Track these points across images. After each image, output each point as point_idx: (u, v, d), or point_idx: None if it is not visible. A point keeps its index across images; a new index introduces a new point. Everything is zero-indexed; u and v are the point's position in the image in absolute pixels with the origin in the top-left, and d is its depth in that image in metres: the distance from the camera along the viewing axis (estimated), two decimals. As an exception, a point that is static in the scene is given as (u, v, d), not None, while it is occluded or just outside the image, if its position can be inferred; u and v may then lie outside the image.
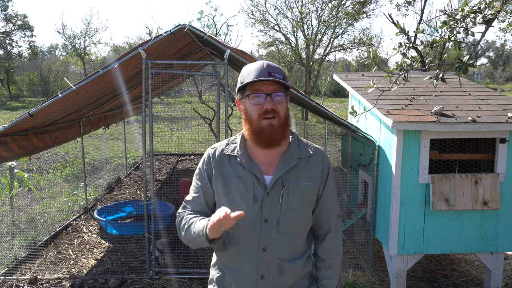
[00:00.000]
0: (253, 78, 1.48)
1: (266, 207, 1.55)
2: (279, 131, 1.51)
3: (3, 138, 4.02)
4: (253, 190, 1.56)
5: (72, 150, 10.92)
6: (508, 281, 4.27)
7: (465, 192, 3.62)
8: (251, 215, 1.55)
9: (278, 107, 1.50)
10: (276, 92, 1.50)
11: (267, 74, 1.48)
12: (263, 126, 1.50)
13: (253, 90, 1.51)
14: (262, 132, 1.50)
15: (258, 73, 1.49)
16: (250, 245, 1.56)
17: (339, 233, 1.72)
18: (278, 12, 17.34)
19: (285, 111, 1.53)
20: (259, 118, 1.50)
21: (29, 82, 30.68)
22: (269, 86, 1.49)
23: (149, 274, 4.20)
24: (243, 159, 1.59)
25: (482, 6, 2.01)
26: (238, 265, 1.60)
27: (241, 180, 1.57)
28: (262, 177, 1.56)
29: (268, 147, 1.54)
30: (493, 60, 47.33)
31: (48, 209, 6.33)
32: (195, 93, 12.64)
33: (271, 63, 1.55)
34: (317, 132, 13.34)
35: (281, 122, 1.51)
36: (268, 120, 1.49)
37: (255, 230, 1.55)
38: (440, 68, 2.30)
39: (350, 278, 4.22)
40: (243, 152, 1.60)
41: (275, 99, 1.50)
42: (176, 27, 3.94)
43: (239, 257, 1.59)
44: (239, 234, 1.57)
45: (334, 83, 31.63)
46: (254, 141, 1.54)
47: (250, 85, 1.52)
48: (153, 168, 4.21)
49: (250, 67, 1.54)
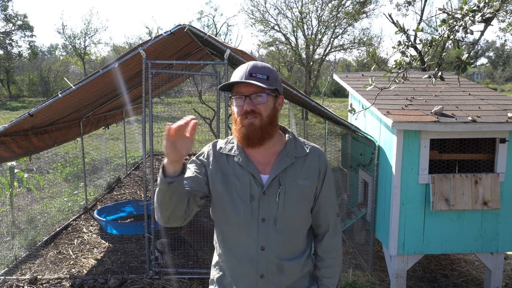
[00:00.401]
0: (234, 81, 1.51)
1: (263, 206, 1.56)
2: (259, 131, 1.51)
3: (3, 138, 4.02)
4: (250, 189, 1.56)
5: (72, 150, 10.92)
6: (508, 281, 4.27)
7: (465, 192, 3.62)
8: (248, 214, 1.55)
9: (260, 107, 1.51)
10: (256, 94, 1.50)
11: (248, 76, 1.49)
12: (244, 124, 1.52)
13: (235, 92, 1.54)
14: (242, 130, 1.52)
15: (240, 75, 1.51)
16: (249, 244, 1.57)
17: (338, 232, 1.71)
18: (278, 12, 17.36)
19: (269, 112, 1.53)
20: (241, 119, 1.52)
21: (29, 82, 30.70)
22: (249, 88, 1.51)
23: (149, 274, 4.20)
24: (240, 158, 1.59)
25: (481, 5, 2.01)
26: (237, 264, 1.60)
27: (238, 178, 1.57)
28: (259, 176, 1.57)
29: (249, 146, 1.55)
30: (493, 60, 47.34)
31: (48, 209, 6.32)
32: (195, 93, 12.64)
33: (259, 63, 1.56)
34: (317, 132, 13.33)
35: (263, 122, 1.51)
36: (249, 120, 1.51)
37: (253, 229, 1.55)
38: (440, 66, 2.30)
39: (350, 278, 4.22)
40: (240, 151, 1.61)
41: (255, 100, 1.50)
42: (176, 27, 3.94)
43: (238, 257, 1.59)
44: (237, 233, 1.57)
45: (334, 83, 31.64)
46: (239, 141, 1.57)
47: (234, 86, 1.55)
48: (153, 168, 4.21)
49: (237, 69, 1.56)
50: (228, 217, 1.58)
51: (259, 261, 1.56)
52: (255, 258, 1.56)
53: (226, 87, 1.55)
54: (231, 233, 1.59)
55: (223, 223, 1.61)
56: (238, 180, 1.57)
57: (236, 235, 1.58)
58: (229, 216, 1.57)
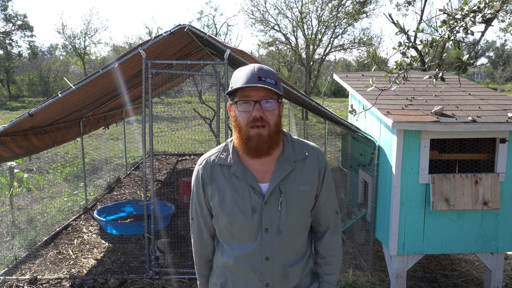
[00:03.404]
0: (242, 84, 1.41)
1: (265, 217, 1.52)
2: (268, 141, 1.44)
3: (3, 138, 4.02)
4: (250, 201, 1.51)
5: (72, 150, 10.92)
6: (508, 281, 4.27)
7: (465, 192, 3.62)
8: (251, 227, 1.52)
9: (268, 115, 1.43)
10: (266, 99, 1.42)
11: (257, 79, 1.40)
12: (251, 135, 1.43)
13: (242, 96, 1.44)
14: (250, 141, 1.44)
15: (248, 78, 1.41)
16: (253, 256, 1.54)
17: (338, 229, 1.70)
18: (278, 12, 17.40)
19: (276, 120, 1.46)
20: (248, 127, 1.43)
21: (29, 82, 30.70)
22: (259, 92, 1.42)
23: (149, 274, 4.20)
24: (237, 169, 1.52)
25: (481, 6, 2.01)
26: (241, 275, 1.58)
27: (236, 191, 1.52)
28: (258, 187, 1.51)
29: (256, 157, 1.48)
30: (493, 60, 47.33)
31: (48, 209, 6.32)
32: (195, 93, 12.64)
33: (264, 66, 1.47)
34: (317, 132, 13.33)
35: (271, 131, 1.44)
36: (257, 129, 1.43)
37: (256, 241, 1.53)
38: (440, 67, 2.30)
39: (350, 278, 4.22)
40: (236, 161, 1.53)
41: (264, 106, 1.43)
42: (176, 27, 3.94)
43: (242, 267, 1.56)
44: (240, 245, 1.55)
45: (334, 83, 31.65)
46: (243, 150, 1.49)
47: (239, 91, 1.44)
48: (153, 168, 4.21)
49: (240, 71, 1.46)
50: (229, 230, 1.56)
51: (264, 271, 1.55)
52: (260, 268, 1.54)
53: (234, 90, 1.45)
54: (234, 244, 1.57)
55: (227, 236, 1.59)
56: (237, 193, 1.52)
57: (239, 246, 1.56)
58: (231, 230, 1.55)
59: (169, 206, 5.80)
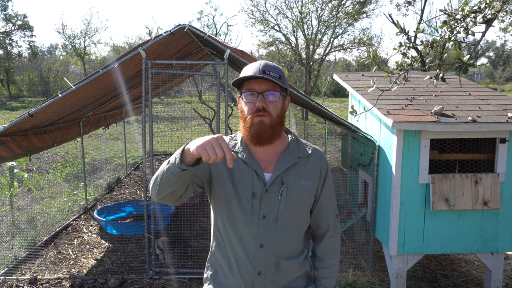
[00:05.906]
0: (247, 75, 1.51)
1: (264, 204, 1.56)
2: (269, 129, 1.51)
3: (3, 138, 4.02)
4: (252, 186, 1.57)
5: (72, 150, 10.92)
6: (508, 281, 4.27)
7: (465, 192, 3.62)
8: (249, 210, 1.56)
9: (270, 106, 1.51)
10: (269, 91, 1.51)
11: (261, 73, 1.49)
12: (254, 123, 1.51)
13: (247, 88, 1.53)
14: (252, 128, 1.52)
15: (253, 71, 1.51)
16: (248, 240, 1.57)
17: (337, 233, 1.74)
18: (278, 12, 17.37)
19: (278, 112, 1.54)
20: (252, 116, 1.52)
21: (29, 82, 30.70)
22: (261, 84, 1.51)
23: (149, 274, 4.20)
24: (245, 155, 1.60)
25: (482, 6, 2.01)
26: (235, 261, 1.61)
27: (241, 174, 1.58)
28: (262, 174, 1.58)
29: (258, 144, 1.54)
30: (493, 60, 47.35)
31: (48, 209, 6.32)
32: (195, 93, 12.64)
33: (270, 63, 1.56)
34: (317, 132, 13.33)
35: (273, 121, 1.52)
36: (260, 117, 1.51)
37: (253, 226, 1.56)
38: (440, 68, 2.30)
39: (350, 278, 4.22)
40: (244, 148, 1.62)
41: (267, 97, 1.51)
42: (176, 27, 3.94)
43: (236, 252, 1.60)
44: (237, 229, 1.58)
45: (334, 83, 31.65)
46: (247, 138, 1.56)
47: (245, 83, 1.54)
48: (153, 168, 4.21)
49: (248, 66, 1.57)
50: (229, 211, 1.59)
51: (257, 258, 1.57)
52: (253, 254, 1.57)
53: (239, 82, 1.55)
54: (230, 228, 1.60)
55: (224, 217, 1.61)
56: (241, 175, 1.58)
57: (235, 230, 1.59)
58: (230, 210, 1.58)
59: (169, 206, 5.81)
